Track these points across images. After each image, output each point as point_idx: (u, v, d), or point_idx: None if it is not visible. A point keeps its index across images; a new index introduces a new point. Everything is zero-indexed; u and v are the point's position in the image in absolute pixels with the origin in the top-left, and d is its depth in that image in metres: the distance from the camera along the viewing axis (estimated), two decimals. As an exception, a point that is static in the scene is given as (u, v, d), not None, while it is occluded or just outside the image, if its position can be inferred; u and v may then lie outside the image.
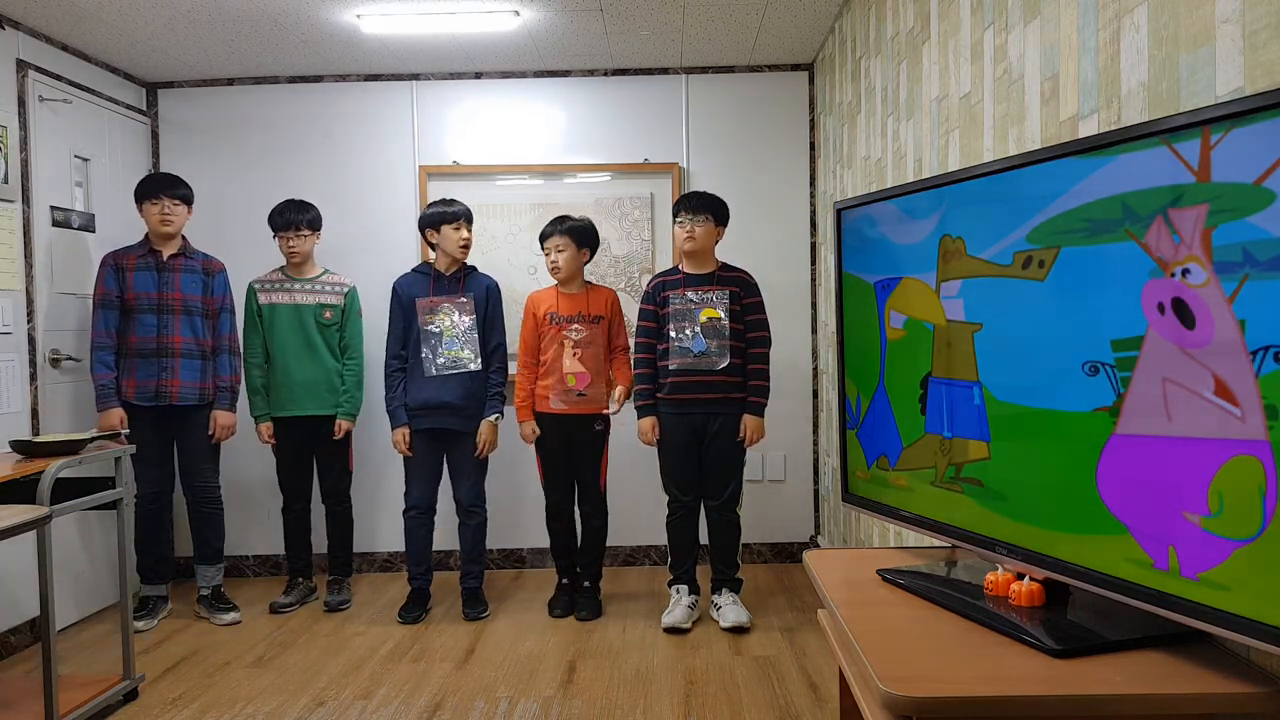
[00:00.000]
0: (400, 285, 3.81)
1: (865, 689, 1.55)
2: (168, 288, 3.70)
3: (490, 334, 3.80)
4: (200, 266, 3.79)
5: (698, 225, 3.54)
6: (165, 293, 3.69)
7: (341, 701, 2.97)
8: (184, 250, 3.78)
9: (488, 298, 3.81)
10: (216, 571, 3.86)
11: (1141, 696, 1.22)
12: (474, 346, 3.74)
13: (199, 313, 3.76)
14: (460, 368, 3.72)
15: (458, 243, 3.74)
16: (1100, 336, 1.36)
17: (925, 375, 1.83)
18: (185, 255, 3.77)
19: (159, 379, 3.66)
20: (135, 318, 3.66)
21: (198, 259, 3.80)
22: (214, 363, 3.80)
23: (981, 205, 1.65)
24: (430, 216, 3.77)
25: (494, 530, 4.42)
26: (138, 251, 3.72)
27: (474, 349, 3.74)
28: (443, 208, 3.77)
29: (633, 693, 2.98)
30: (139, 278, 3.67)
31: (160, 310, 3.68)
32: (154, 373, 3.66)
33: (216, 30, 3.81)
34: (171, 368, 3.67)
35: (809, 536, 4.59)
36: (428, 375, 3.71)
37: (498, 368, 3.82)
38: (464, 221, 3.76)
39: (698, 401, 3.53)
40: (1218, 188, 1.17)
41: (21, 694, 2.87)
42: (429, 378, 3.71)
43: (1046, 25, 1.90)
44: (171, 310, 3.69)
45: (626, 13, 3.71)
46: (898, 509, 1.92)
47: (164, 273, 3.70)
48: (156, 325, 3.67)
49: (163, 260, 3.71)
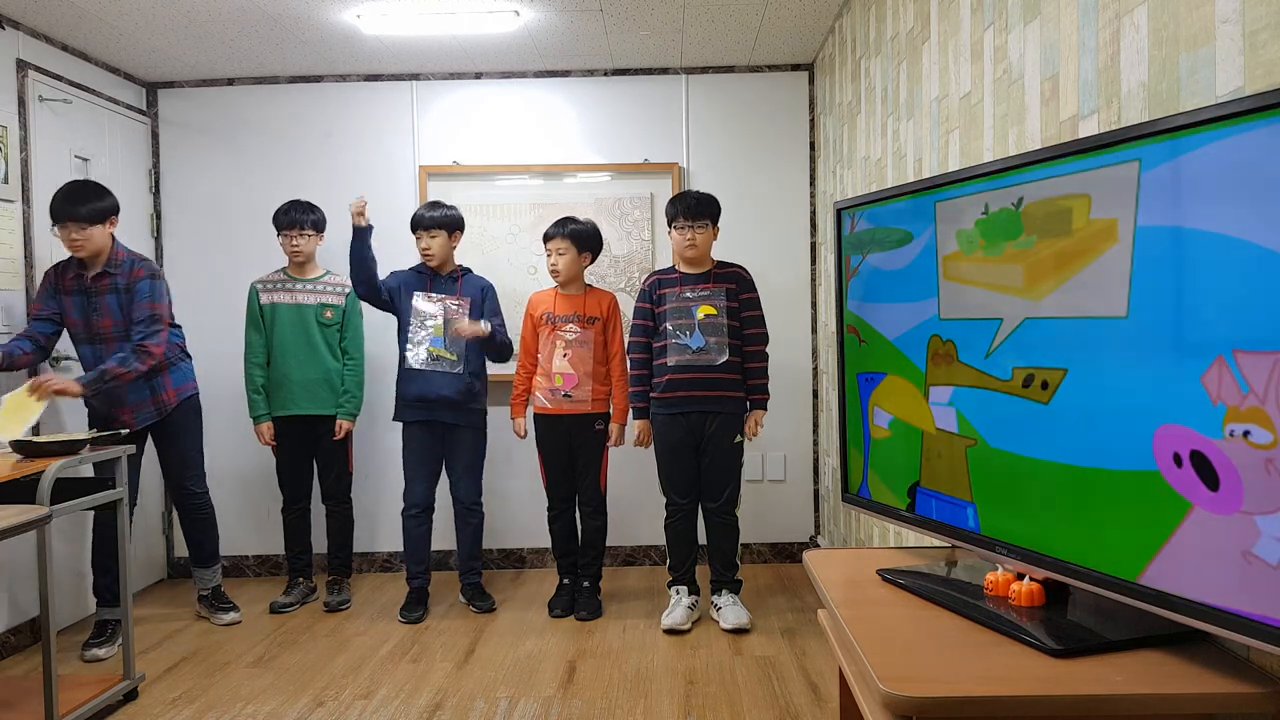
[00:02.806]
0: (395, 273, 3.81)
1: (865, 689, 1.55)
2: (96, 314, 3.41)
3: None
4: (123, 284, 3.42)
5: (698, 232, 3.54)
6: (94, 320, 3.41)
7: (341, 701, 2.97)
8: (110, 266, 3.41)
9: (484, 299, 3.82)
10: (213, 573, 3.85)
11: (1141, 696, 1.22)
12: (460, 346, 3.74)
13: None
14: (443, 367, 3.73)
15: (421, 249, 3.76)
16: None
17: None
18: (109, 272, 3.40)
19: (109, 410, 3.48)
20: (77, 346, 3.46)
21: (121, 273, 3.42)
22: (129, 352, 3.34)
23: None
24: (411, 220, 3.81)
25: (494, 530, 4.43)
26: (72, 270, 3.42)
27: (460, 349, 3.74)
28: (419, 212, 3.79)
29: (633, 693, 2.98)
30: (74, 303, 3.41)
31: (92, 340, 3.43)
32: (104, 404, 3.48)
33: (216, 30, 3.81)
34: (120, 396, 3.46)
35: (809, 536, 4.59)
36: (411, 368, 3.73)
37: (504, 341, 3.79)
38: (423, 231, 3.73)
39: (694, 399, 3.53)
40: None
41: (21, 694, 2.87)
42: (416, 370, 3.72)
43: (1046, 25, 1.90)
44: (104, 339, 3.42)
45: (626, 13, 3.71)
46: (898, 509, 1.92)
47: (91, 298, 3.40)
48: (92, 356, 3.42)
49: (88, 284, 3.40)
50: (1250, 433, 1.10)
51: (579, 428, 3.73)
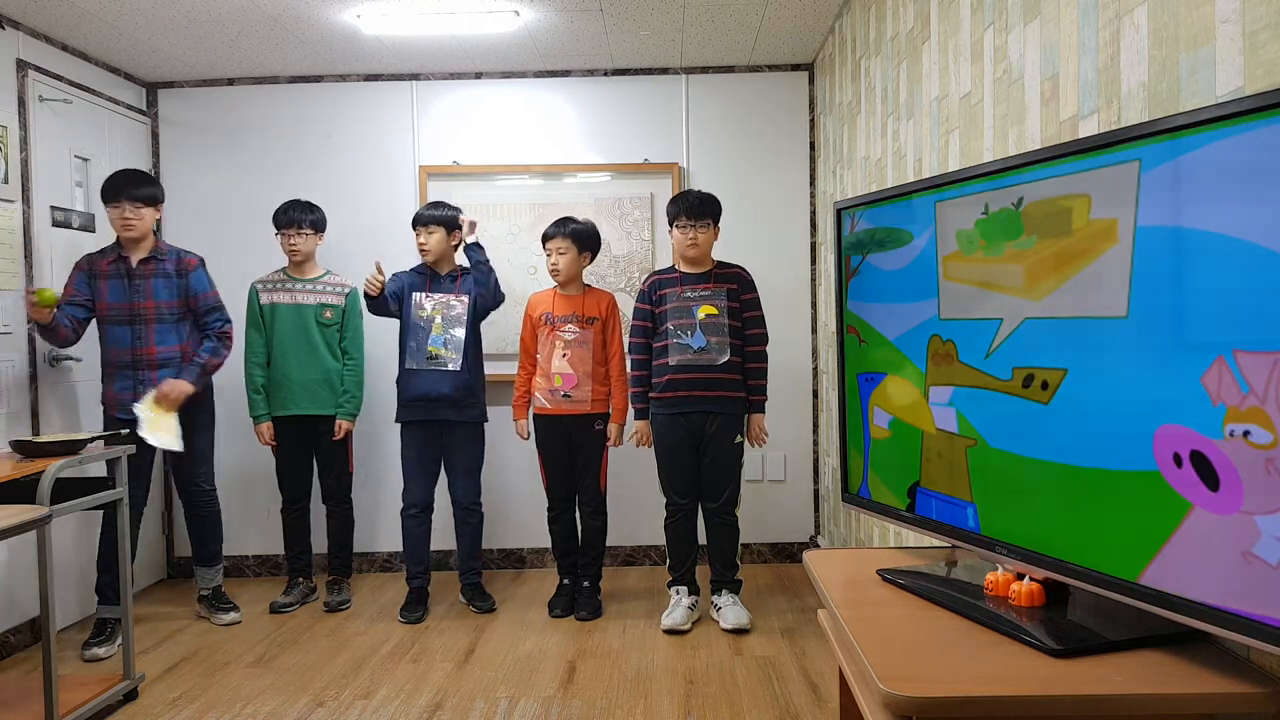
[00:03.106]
0: (397, 275, 3.82)
1: (865, 689, 1.55)
2: (139, 296, 3.52)
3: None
4: (173, 268, 3.58)
5: (700, 232, 3.54)
6: (137, 302, 3.51)
7: (341, 701, 2.97)
8: (155, 252, 3.57)
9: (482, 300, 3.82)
10: (215, 573, 3.86)
11: (1141, 696, 1.22)
12: (458, 346, 3.74)
13: (174, 319, 3.58)
14: (439, 365, 3.73)
15: (419, 244, 3.78)
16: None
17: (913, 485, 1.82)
18: (157, 258, 3.57)
19: (135, 393, 3.51)
20: (108, 329, 3.53)
21: (170, 260, 3.59)
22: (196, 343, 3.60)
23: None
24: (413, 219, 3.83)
25: (494, 530, 4.43)
26: (110, 256, 3.55)
27: (457, 348, 3.75)
28: (420, 211, 3.81)
29: (633, 693, 2.98)
30: (111, 287, 3.51)
31: (133, 321, 3.52)
32: (130, 386, 3.52)
33: (216, 30, 3.81)
34: (149, 380, 3.51)
35: (809, 536, 4.59)
36: (409, 368, 3.74)
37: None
38: (421, 227, 3.75)
39: (695, 399, 3.52)
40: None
41: (21, 694, 2.87)
42: (415, 370, 3.73)
43: (1046, 25, 1.90)
44: (145, 320, 3.52)
45: (626, 13, 3.71)
46: (898, 509, 1.92)
47: (135, 280, 3.53)
48: (130, 337, 3.51)
49: (132, 267, 3.53)
50: (1250, 433, 1.10)
51: (579, 428, 3.73)
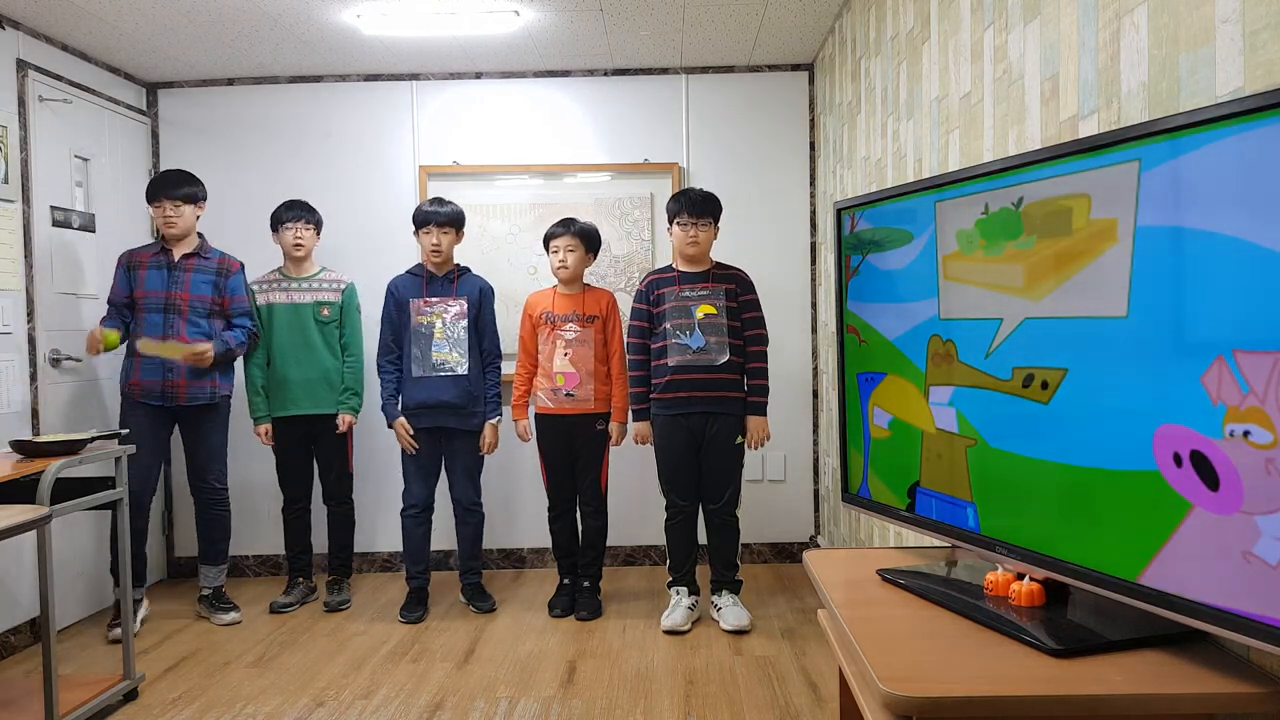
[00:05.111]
0: (394, 285, 3.82)
1: (865, 689, 1.55)
2: (177, 287, 3.65)
3: (483, 337, 3.80)
4: (215, 266, 3.73)
5: (701, 230, 3.54)
6: (173, 292, 3.64)
7: (341, 701, 2.97)
8: (199, 250, 3.72)
9: (480, 300, 3.82)
10: (219, 572, 3.86)
11: (1141, 696, 1.22)
12: (463, 348, 3.74)
13: (207, 313, 3.68)
14: (447, 370, 3.72)
15: (427, 248, 3.76)
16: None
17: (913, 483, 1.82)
18: (200, 255, 3.71)
19: (164, 379, 3.62)
20: (143, 317, 3.63)
21: (213, 258, 3.74)
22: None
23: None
24: (413, 217, 3.81)
25: (493, 530, 4.42)
26: (152, 250, 3.70)
27: (463, 351, 3.74)
28: (422, 208, 3.79)
29: (633, 693, 2.98)
30: (150, 276, 3.64)
31: (167, 310, 3.63)
32: (159, 373, 3.62)
33: (216, 30, 3.81)
34: (177, 368, 3.61)
35: (809, 536, 4.59)
36: (415, 376, 3.73)
37: (492, 369, 3.82)
38: (434, 227, 3.73)
39: (695, 400, 3.52)
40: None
41: (21, 694, 2.87)
42: (420, 378, 3.72)
43: (1046, 25, 1.90)
44: (178, 310, 3.63)
45: (626, 13, 3.71)
46: (898, 509, 1.92)
47: (175, 272, 3.66)
48: (162, 325, 3.62)
49: (174, 260, 3.67)
50: (1250, 433, 1.10)
51: (580, 427, 3.73)
